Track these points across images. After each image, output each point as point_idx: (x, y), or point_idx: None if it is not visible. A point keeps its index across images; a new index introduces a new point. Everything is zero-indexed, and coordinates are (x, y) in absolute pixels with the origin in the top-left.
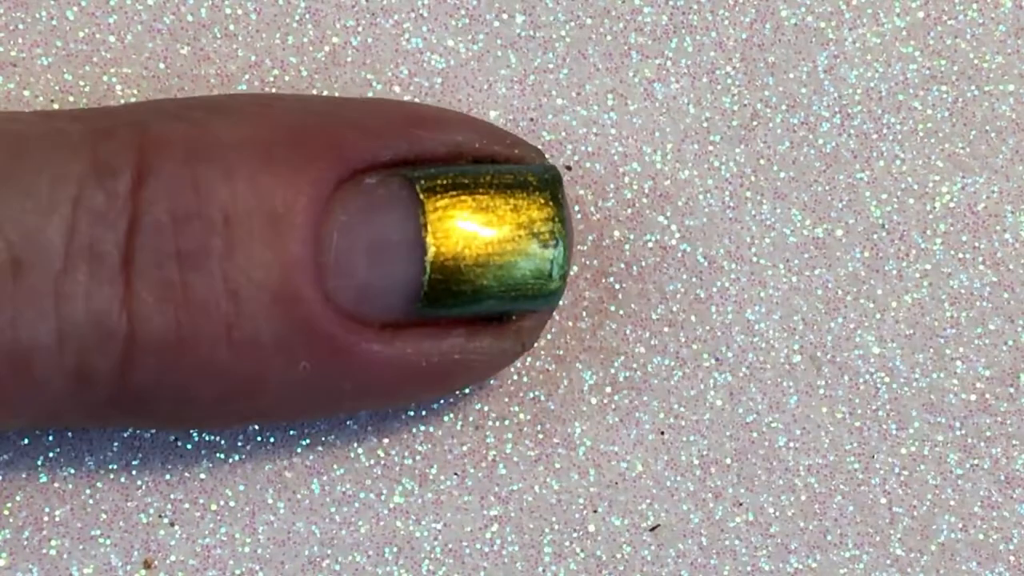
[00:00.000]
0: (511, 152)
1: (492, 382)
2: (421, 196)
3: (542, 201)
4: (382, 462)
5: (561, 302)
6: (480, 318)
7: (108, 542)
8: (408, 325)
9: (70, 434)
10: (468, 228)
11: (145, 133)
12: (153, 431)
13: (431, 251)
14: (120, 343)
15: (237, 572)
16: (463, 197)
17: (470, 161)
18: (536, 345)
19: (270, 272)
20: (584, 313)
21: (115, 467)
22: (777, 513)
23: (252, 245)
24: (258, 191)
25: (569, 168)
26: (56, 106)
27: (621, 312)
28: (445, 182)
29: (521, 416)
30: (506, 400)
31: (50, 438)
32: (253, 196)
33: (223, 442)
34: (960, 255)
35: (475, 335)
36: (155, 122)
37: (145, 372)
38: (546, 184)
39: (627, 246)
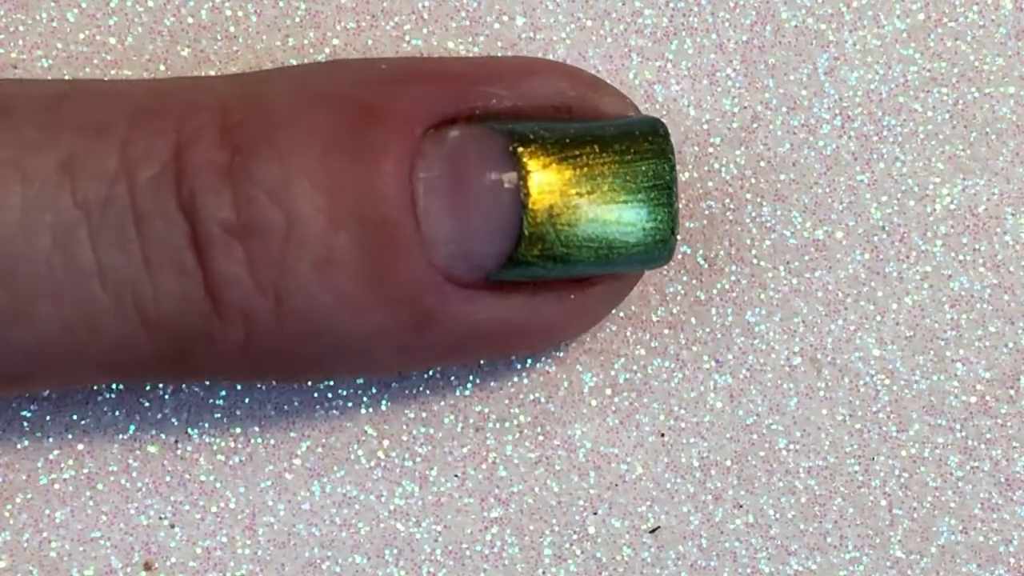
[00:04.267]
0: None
1: (492, 383)
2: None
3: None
4: (382, 464)
5: None
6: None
7: (108, 544)
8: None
9: (70, 435)
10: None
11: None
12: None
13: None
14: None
15: (237, 574)
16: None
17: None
18: None
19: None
20: None
21: (115, 469)
22: (777, 515)
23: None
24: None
25: None
26: None
27: (621, 314)
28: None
29: (521, 418)
30: (506, 402)
31: (50, 439)
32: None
33: (223, 444)
34: (960, 257)
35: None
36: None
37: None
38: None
39: None
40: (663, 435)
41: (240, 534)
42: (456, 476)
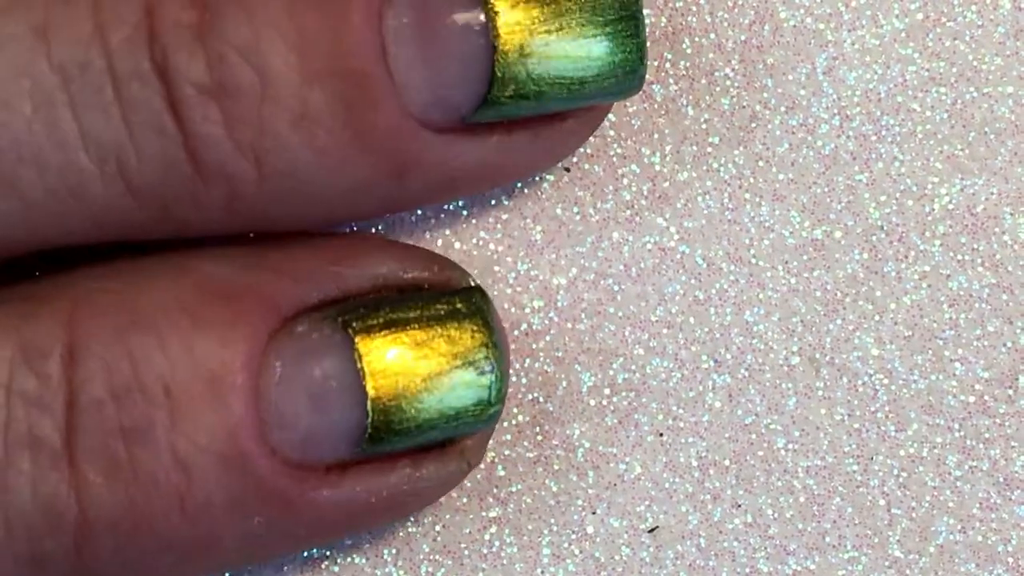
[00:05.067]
0: (436, 276)
1: None
2: (355, 338)
3: (474, 328)
4: None
5: (560, 304)
6: (423, 446)
7: None
8: (354, 463)
9: None
10: (405, 364)
11: (71, 309)
12: None
13: (371, 393)
14: (71, 526)
15: (235, 573)
16: (396, 334)
17: (396, 291)
18: (535, 347)
19: (215, 436)
20: (583, 315)
21: None
22: (776, 515)
23: (195, 411)
24: (194, 355)
25: (568, 169)
26: None
27: (620, 314)
28: (377, 321)
29: (520, 418)
30: (505, 402)
31: None
32: (189, 361)
33: None
34: (959, 257)
35: (421, 463)
36: (80, 295)
37: (100, 552)
38: (476, 310)
39: (626, 248)
40: (662, 435)
41: None
42: None
